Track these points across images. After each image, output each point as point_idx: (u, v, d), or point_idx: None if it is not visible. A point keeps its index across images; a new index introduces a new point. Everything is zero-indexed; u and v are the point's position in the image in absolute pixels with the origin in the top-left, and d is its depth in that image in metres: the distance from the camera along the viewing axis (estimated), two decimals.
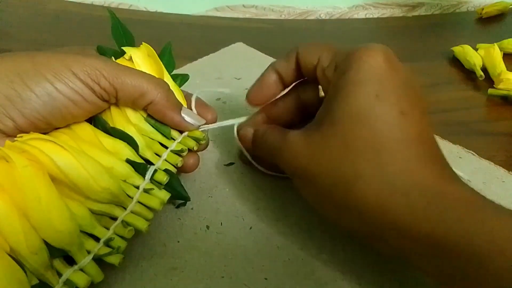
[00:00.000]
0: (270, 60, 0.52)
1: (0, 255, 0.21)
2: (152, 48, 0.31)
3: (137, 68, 0.30)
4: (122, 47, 0.30)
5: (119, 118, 0.28)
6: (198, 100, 0.33)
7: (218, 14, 0.71)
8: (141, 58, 0.30)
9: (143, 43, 0.31)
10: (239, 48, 0.56)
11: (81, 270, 0.24)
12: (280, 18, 0.71)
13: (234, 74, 0.49)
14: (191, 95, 0.33)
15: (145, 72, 0.28)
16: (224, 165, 0.36)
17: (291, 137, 0.26)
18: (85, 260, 0.24)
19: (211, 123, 0.32)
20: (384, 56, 0.24)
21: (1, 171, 0.22)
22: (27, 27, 0.64)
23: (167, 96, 0.28)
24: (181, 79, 0.34)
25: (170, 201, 0.29)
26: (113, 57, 0.30)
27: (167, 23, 0.66)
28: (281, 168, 0.27)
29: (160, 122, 0.30)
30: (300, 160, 0.25)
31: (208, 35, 0.63)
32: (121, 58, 0.30)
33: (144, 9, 0.71)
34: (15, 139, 0.23)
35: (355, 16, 0.71)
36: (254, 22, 0.68)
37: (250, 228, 0.31)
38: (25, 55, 0.25)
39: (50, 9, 0.69)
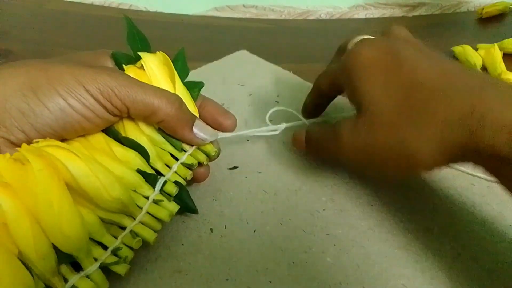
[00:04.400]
0: (273, 67, 0.53)
1: (9, 258, 0.21)
2: (168, 58, 0.30)
3: (151, 75, 0.29)
4: (138, 52, 0.30)
5: (131, 127, 0.28)
6: (217, 106, 0.33)
7: (218, 14, 0.71)
8: (156, 65, 0.30)
9: (159, 51, 0.31)
10: (242, 55, 0.56)
11: (87, 277, 0.24)
12: (280, 18, 0.71)
13: (238, 81, 0.49)
14: (209, 99, 0.33)
15: (157, 88, 0.28)
16: (228, 168, 0.36)
17: (339, 130, 0.29)
18: (92, 268, 0.24)
19: (230, 130, 0.32)
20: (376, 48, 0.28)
21: (16, 174, 0.22)
22: (27, 27, 0.64)
23: (178, 113, 0.28)
24: (198, 89, 0.33)
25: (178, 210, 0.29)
26: (123, 65, 0.30)
27: (167, 23, 0.66)
28: (337, 159, 0.30)
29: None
30: (355, 146, 0.28)
31: (208, 35, 0.63)
32: (132, 66, 0.30)
33: (144, 9, 0.71)
34: (32, 143, 0.23)
35: (355, 16, 0.71)
36: (254, 22, 0.68)
37: (254, 231, 0.31)
38: (39, 67, 0.25)
39: (50, 9, 0.69)
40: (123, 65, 0.30)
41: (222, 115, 0.32)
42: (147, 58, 0.30)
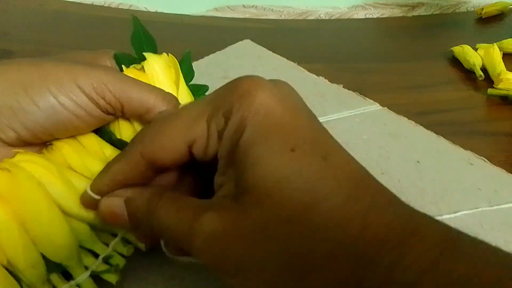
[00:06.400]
0: (277, 58, 0.52)
1: None
2: (175, 59, 0.30)
3: (153, 76, 0.29)
4: (143, 53, 0.29)
5: (126, 129, 0.27)
6: None
7: (218, 14, 0.71)
8: (160, 66, 0.29)
9: (168, 53, 0.30)
10: (246, 45, 0.55)
11: (78, 286, 0.24)
12: (280, 18, 0.71)
13: (240, 74, 0.49)
14: None
15: (153, 86, 0.27)
16: None
17: (206, 223, 0.19)
18: (82, 276, 0.24)
19: None
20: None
21: (4, 182, 0.22)
22: (27, 27, 0.64)
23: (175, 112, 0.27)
24: (203, 92, 0.32)
25: None
26: (123, 66, 0.29)
27: (167, 23, 0.66)
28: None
29: None
30: (234, 251, 0.19)
31: (208, 35, 0.63)
32: (131, 68, 0.29)
33: (144, 9, 0.71)
34: (14, 151, 0.23)
35: (355, 16, 0.71)
36: (254, 22, 0.68)
37: None
38: (31, 63, 0.24)
39: (50, 9, 0.69)
40: (123, 67, 0.29)
41: None
42: (151, 59, 0.29)
